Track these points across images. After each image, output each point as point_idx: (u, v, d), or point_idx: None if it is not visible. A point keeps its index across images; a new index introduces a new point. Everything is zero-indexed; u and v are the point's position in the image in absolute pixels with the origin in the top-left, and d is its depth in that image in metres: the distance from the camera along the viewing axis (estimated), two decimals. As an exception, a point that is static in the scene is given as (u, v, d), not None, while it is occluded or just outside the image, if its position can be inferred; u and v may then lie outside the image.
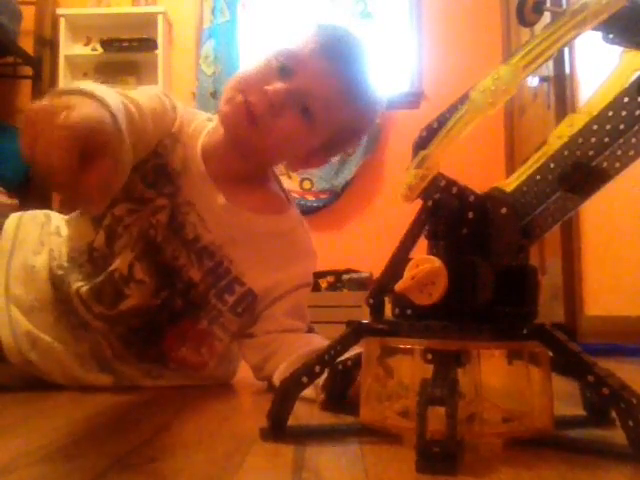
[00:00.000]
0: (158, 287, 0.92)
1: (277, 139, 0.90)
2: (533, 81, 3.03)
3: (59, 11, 3.83)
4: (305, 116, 0.90)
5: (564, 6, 0.47)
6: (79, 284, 0.92)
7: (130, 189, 0.91)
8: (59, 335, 0.92)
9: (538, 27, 0.51)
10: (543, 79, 2.90)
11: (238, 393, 0.98)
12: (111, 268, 0.91)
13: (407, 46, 3.87)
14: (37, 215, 1.05)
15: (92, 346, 0.93)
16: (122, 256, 0.91)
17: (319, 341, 0.92)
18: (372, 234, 3.45)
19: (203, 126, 0.99)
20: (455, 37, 3.77)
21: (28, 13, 3.70)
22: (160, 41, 3.75)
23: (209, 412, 0.74)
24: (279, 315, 0.96)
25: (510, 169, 3.49)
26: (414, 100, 3.74)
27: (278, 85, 0.88)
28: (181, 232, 0.93)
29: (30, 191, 3.26)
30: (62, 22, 3.79)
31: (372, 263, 0.74)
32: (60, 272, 0.95)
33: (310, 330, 1.01)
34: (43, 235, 1.01)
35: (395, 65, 3.86)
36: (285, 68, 0.89)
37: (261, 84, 0.88)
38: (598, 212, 2.47)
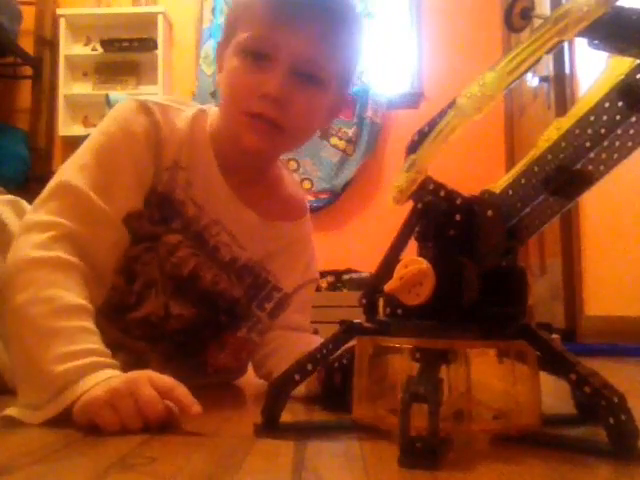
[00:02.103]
0: (201, 311, 0.91)
1: (300, 122, 0.85)
2: (533, 81, 3.03)
3: (59, 11, 3.84)
4: (309, 81, 0.83)
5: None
6: (102, 322, 0.86)
7: (138, 232, 0.86)
8: None
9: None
10: (543, 79, 2.90)
11: (238, 393, 0.98)
12: (142, 314, 0.88)
13: (407, 46, 3.87)
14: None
15: None
16: (155, 300, 0.88)
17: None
18: (372, 234, 3.45)
19: (203, 129, 0.90)
20: (455, 37, 3.78)
21: (28, 13, 3.71)
22: (160, 41, 3.76)
23: (209, 412, 0.75)
24: (290, 310, 0.97)
25: (510, 169, 3.49)
26: (414, 100, 3.74)
27: (272, 81, 0.80)
28: (217, 255, 0.90)
29: (30, 191, 3.26)
30: (62, 22, 3.80)
31: (372, 263, 0.75)
32: None
33: (315, 332, 1.02)
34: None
35: (395, 65, 3.87)
36: (261, 55, 0.81)
37: (254, 88, 0.81)
38: (598, 212, 2.47)
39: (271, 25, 0.81)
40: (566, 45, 2.59)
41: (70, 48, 3.86)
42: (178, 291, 0.89)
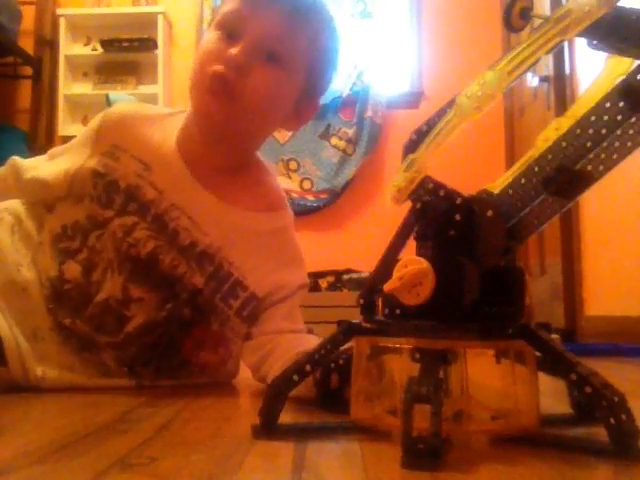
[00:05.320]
0: (161, 300, 0.90)
1: (257, 99, 0.86)
2: (533, 81, 3.04)
3: (59, 11, 3.85)
4: (273, 61, 0.86)
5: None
6: (68, 320, 0.90)
7: (92, 216, 0.91)
8: (65, 363, 0.90)
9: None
10: (543, 79, 2.90)
11: (238, 393, 0.98)
12: (101, 297, 0.89)
13: (407, 46, 3.87)
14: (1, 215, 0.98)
15: (100, 366, 0.91)
16: (111, 282, 0.89)
17: (315, 342, 0.92)
18: (372, 234, 3.45)
19: (169, 126, 0.96)
20: (455, 37, 3.78)
21: (28, 13, 3.71)
22: (160, 41, 3.76)
23: (209, 412, 0.75)
24: (278, 318, 0.95)
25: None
26: (414, 100, 3.75)
27: (236, 49, 0.84)
28: (176, 239, 0.90)
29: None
30: (62, 22, 3.80)
31: (372, 263, 0.75)
32: (51, 306, 0.91)
33: (309, 332, 1.01)
34: (16, 242, 0.95)
35: (395, 65, 3.87)
36: (232, 32, 0.86)
37: (219, 55, 0.85)
38: (598, 212, 2.47)
39: (243, 3, 0.86)
40: (566, 45, 2.59)
41: (70, 48, 3.86)
42: (136, 274, 0.89)
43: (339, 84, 3.73)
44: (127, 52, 3.81)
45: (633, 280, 2.19)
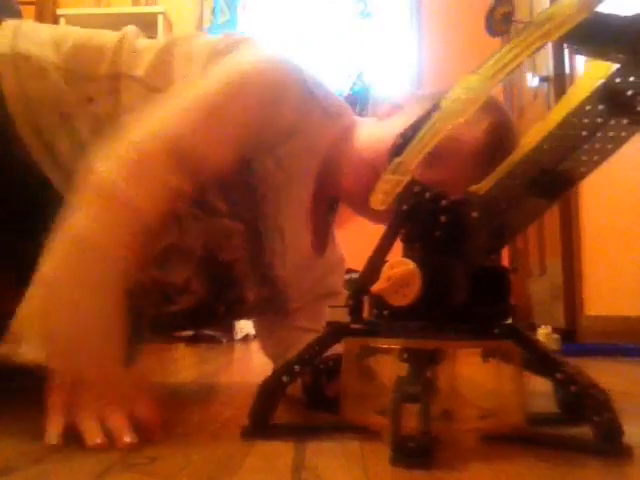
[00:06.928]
0: (210, 296, 0.87)
1: None
2: (533, 81, 3.04)
3: (59, 11, 3.85)
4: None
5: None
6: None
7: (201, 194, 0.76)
8: None
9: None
10: (543, 79, 2.90)
11: (240, 393, 0.98)
12: (163, 280, 0.82)
13: (407, 46, 3.87)
14: None
15: None
16: (177, 270, 0.82)
17: None
18: (372, 234, 3.44)
19: (311, 127, 0.82)
20: (455, 37, 3.77)
21: (28, 13, 3.72)
22: (160, 42, 3.76)
23: (210, 412, 0.75)
24: (302, 317, 0.96)
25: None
26: (414, 100, 3.74)
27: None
28: (260, 256, 0.86)
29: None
30: (62, 22, 3.81)
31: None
32: None
33: None
34: None
35: (395, 65, 3.88)
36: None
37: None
38: (598, 212, 2.47)
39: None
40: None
41: (71, 49, 3.87)
42: (203, 270, 0.84)
43: (339, 84, 3.73)
44: (127, 53, 3.81)
45: (633, 280, 2.18)
